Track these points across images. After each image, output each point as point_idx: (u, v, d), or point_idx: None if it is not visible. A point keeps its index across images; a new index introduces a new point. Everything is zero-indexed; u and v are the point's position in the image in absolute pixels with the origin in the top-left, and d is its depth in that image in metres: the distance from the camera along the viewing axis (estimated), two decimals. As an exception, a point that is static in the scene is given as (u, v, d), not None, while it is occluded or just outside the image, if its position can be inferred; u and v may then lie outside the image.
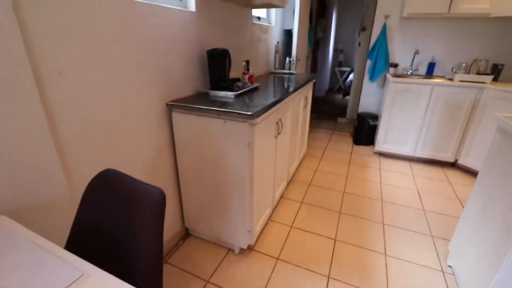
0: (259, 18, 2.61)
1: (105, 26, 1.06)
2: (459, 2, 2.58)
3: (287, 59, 2.84)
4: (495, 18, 2.63)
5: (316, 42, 5.23)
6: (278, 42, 3.03)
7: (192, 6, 1.57)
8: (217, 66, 1.64)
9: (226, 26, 1.92)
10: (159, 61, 1.36)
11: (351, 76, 5.22)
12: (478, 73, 2.62)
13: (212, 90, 1.64)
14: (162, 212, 0.67)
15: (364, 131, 3.39)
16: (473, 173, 2.72)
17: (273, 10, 2.84)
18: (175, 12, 1.42)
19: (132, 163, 1.31)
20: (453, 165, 2.90)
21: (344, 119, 4.67)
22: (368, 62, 3.39)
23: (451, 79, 2.72)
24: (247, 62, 1.79)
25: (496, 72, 2.67)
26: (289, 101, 1.91)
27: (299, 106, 2.26)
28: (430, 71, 3.09)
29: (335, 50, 7.11)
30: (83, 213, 0.83)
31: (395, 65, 3.19)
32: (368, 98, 3.59)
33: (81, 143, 1.05)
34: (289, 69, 2.86)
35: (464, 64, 2.73)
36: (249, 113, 1.21)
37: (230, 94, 1.57)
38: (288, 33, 3.30)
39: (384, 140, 3.05)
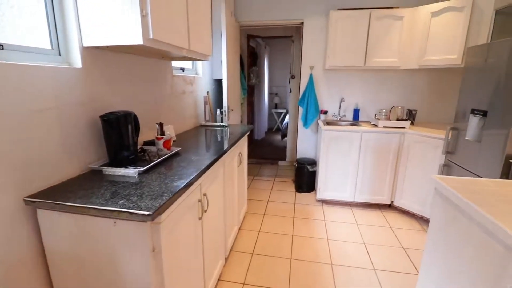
0: (182, 69, 2.38)
1: None
2: (372, 56, 2.81)
3: (218, 110, 2.63)
4: (403, 70, 2.94)
5: (251, 88, 5.30)
6: (207, 93, 2.82)
7: (77, 61, 1.21)
8: (115, 134, 1.26)
9: (134, 82, 1.60)
10: (10, 141, 0.93)
11: (287, 118, 5.36)
12: (397, 119, 2.81)
13: (108, 167, 1.23)
14: None
15: (305, 177, 3.29)
16: (408, 213, 2.77)
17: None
18: (45, 71, 1.04)
19: None
20: (390, 206, 2.94)
21: (285, 162, 4.60)
22: (301, 109, 3.43)
23: (375, 125, 2.86)
24: (161, 125, 1.46)
25: (411, 117, 2.92)
26: (218, 165, 1.61)
27: (232, 166, 1.99)
28: (356, 117, 3.25)
29: (270, 93, 7.39)
30: None
31: (325, 112, 3.28)
32: (304, 143, 3.58)
33: None
34: (221, 121, 2.63)
35: (384, 110, 2.92)
36: (146, 212, 0.85)
37: (133, 171, 1.19)
38: (219, 83, 3.15)
39: (325, 187, 2.96)
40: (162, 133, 1.47)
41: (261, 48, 6.02)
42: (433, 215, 1.25)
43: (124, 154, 1.30)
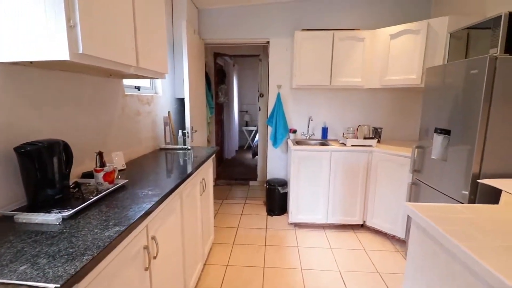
0: (138, 88, 2.16)
1: None
2: (337, 76, 2.83)
3: (180, 132, 2.42)
4: (367, 89, 2.99)
5: (220, 106, 5.16)
6: (169, 113, 2.61)
7: (-17, 80, 0.97)
8: (36, 169, 1.01)
9: (71, 104, 1.36)
10: None
11: (258, 135, 5.26)
12: (364, 137, 2.81)
13: (22, 212, 0.97)
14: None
15: (276, 199, 3.14)
16: (380, 233, 2.71)
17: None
18: None
19: None
20: (362, 226, 2.87)
21: (256, 182, 4.44)
22: (270, 129, 3.34)
23: (344, 144, 2.83)
24: (100, 154, 1.23)
25: (377, 135, 2.94)
26: (174, 198, 1.40)
27: (193, 195, 1.77)
28: (324, 135, 3.22)
29: (240, 111, 7.31)
30: None
31: (294, 131, 3.21)
32: (275, 163, 3.46)
33: None
34: (184, 143, 2.42)
35: (351, 128, 2.92)
36: (53, 286, 0.62)
37: (54, 218, 0.94)
38: (182, 102, 2.96)
39: (297, 209, 2.83)
40: (102, 164, 1.24)
41: (230, 66, 5.97)
42: (411, 247, 1.14)
43: (47, 193, 1.04)
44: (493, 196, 1.42)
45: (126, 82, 1.94)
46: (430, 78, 2.03)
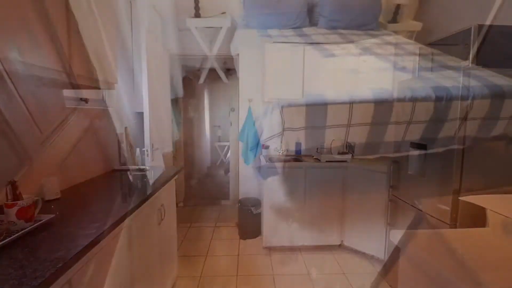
0: (85, 100, 1.86)
1: None
2: (309, 89, 2.75)
3: (137, 150, 2.13)
4: (339, 102, 2.92)
5: (189, 121, 4.90)
6: (126, 129, 2.31)
7: None
8: None
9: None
10: None
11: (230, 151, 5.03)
12: (339, 153, 2.72)
13: None
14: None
15: (249, 221, 2.90)
16: (359, 253, 2.57)
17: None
18: None
19: None
20: (340, 246, 2.72)
21: (228, 201, 4.18)
22: (241, 145, 3.14)
23: (318, 160, 2.71)
24: (12, 184, 0.94)
25: (351, 149, 2.87)
26: (117, 234, 1.12)
27: (148, 225, 1.49)
28: (298, 151, 3.09)
29: (212, 126, 7.06)
30: None
31: (267, 147, 3.05)
32: (247, 182, 3.24)
33: None
34: (143, 163, 2.13)
35: (325, 143, 2.82)
36: None
37: None
38: (143, 116, 2.67)
39: (271, 232, 2.61)
40: (16, 197, 0.94)
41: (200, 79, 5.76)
42: (403, 285, 0.98)
43: None
44: (477, 212, 1.33)
45: (68, 93, 1.65)
46: (401, 91, 2.00)
